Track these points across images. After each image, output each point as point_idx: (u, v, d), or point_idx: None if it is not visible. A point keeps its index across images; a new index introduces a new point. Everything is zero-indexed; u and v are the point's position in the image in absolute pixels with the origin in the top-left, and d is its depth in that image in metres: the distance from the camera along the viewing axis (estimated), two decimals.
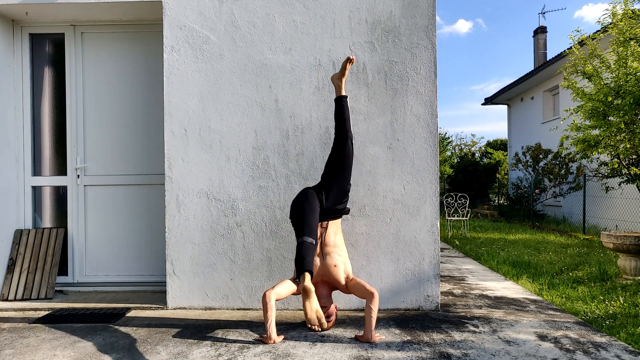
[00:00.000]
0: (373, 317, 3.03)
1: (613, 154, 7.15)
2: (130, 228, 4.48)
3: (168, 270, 3.88)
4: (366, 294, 3.09)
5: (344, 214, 3.39)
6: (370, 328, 3.03)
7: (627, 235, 5.19)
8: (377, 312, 3.07)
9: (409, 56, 3.86)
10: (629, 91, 6.28)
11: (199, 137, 3.88)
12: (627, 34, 6.43)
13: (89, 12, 4.20)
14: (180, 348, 2.93)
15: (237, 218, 3.87)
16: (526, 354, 2.83)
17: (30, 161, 4.48)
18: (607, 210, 10.73)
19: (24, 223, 4.47)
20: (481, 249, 7.77)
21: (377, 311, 3.06)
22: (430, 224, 3.84)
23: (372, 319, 3.03)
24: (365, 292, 3.10)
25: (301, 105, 3.87)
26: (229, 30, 3.89)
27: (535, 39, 18.93)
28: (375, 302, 3.04)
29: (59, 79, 4.54)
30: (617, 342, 3.06)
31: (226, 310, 3.84)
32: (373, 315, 3.03)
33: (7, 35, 4.37)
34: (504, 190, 18.28)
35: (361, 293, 3.13)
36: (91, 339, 3.11)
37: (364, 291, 3.11)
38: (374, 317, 3.04)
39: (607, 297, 4.50)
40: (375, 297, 3.05)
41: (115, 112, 4.49)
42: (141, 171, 4.48)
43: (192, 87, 3.89)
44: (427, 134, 3.85)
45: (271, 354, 2.82)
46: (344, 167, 3.30)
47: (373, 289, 3.09)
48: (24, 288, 4.21)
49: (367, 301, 3.07)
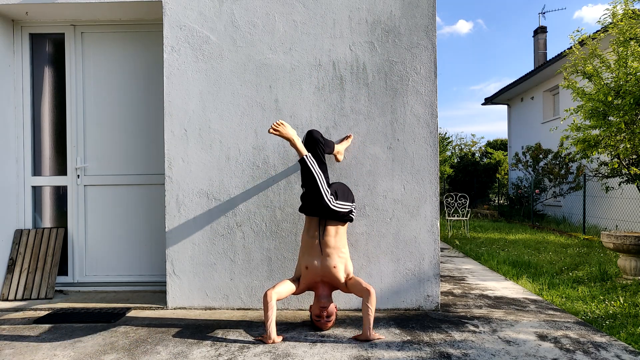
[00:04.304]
0: (370, 314, 3.03)
1: (613, 154, 7.14)
2: (130, 228, 4.48)
3: (168, 270, 3.88)
4: (362, 292, 3.09)
5: (347, 220, 3.30)
6: (369, 326, 3.03)
7: (627, 235, 5.19)
8: (374, 309, 3.06)
9: (409, 56, 3.86)
10: (629, 91, 6.28)
11: (199, 137, 3.88)
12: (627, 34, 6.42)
13: (89, 12, 4.20)
14: (180, 348, 2.93)
15: (237, 218, 3.87)
16: (526, 354, 2.83)
17: (30, 161, 4.49)
18: (607, 210, 10.73)
19: (24, 223, 4.47)
20: (481, 249, 7.77)
21: (374, 309, 3.06)
22: (430, 224, 3.84)
23: (369, 317, 3.02)
24: (362, 289, 3.09)
25: (301, 105, 3.87)
26: (229, 30, 3.89)
27: (535, 39, 18.93)
28: (372, 299, 3.04)
29: (59, 79, 4.54)
30: (617, 342, 3.06)
31: (226, 310, 3.84)
32: (370, 313, 3.03)
33: (7, 35, 4.37)
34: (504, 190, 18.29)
35: (358, 291, 3.13)
36: (91, 339, 3.11)
37: (360, 289, 3.11)
38: (372, 315, 3.04)
39: (607, 297, 4.50)
40: (372, 295, 3.05)
41: (115, 112, 4.49)
42: (141, 171, 4.48)
43: (192, 87, 3.89)
44: (427, 134, 3.85)
45: (271, 354, 2.82)
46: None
47: (369, 286, 3.09)
48: (24, 288, 4.21)
49: (363, 299, 3.07)
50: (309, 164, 3.11)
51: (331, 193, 3.16)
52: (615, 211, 10.23)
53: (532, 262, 6.49)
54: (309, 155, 3.16)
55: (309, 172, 3.10)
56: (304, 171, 3.14)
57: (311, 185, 3.11)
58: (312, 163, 3.13)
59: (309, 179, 3.11)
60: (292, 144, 3.19)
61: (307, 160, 3.12)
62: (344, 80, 3.86)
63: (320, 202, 3.10)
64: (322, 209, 3.12)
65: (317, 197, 3.10)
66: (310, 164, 3.11)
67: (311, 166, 3.11)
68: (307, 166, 3.11)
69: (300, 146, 3.17)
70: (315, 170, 3.11)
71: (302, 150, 3.16)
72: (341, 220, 3.24)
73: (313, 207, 3.16)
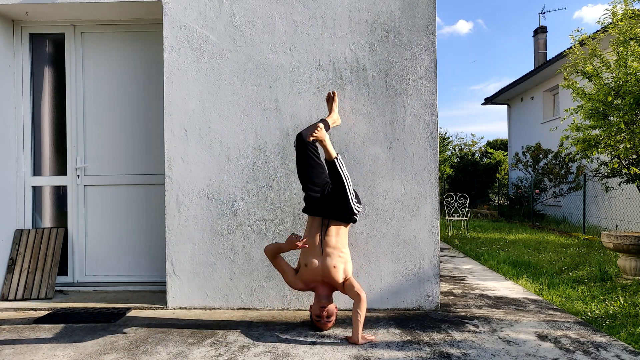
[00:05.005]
0: (359, 320, 3.02)
1: (613, 154, 7.14)
2: (130, 228, 4.48)
3: (168, 270, 3.88)
4: (354, 296, 3.10)
5: (351, 221, 3.29)
6: (357, 330, 3.02)
7: (627, 235, 5.19)
8: (364, 314, 3.06)
9: (409, 56, 3.86)
10: (629, 91, 6.28)
11: (199, 137, 3.88)
12: (627, 34, 6.42)
13: (89, 12, 4.20)
14: (180, 348, 2.93)
15: (237, 218, 3.87)
16: (526, 353, 2.83)
17: (30, 161, 4.48)
18: (607, 210, 10.73)
19: (24, 223, 4.47)
20: (481, 249, 7.77)
21: (364, 314, 3.06)
22: (430, 224, 3.84)
23: (358, 321, 3.02)
24: (353, 294, 3.10)
25: (301, 105, 3.87)
26: (229, 30, 3.89)
27: (535, 39, 18.93)
28: (362, 305, 3.04)
29: (59, 79, 4.54)
30: (617, 342, 3.06)
31: (226, 310, 3.84)
32: (359, 318, 3.02)
33: (7, 35, 4.37)
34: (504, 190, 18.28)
35: (351, 294, 3.14)
36: (91, 339, 3.11)
37: (352, 293, 3.12)
38: (361, 321, 3.03)
39: (607, 297, 4.50)
40: (362, 300, 3.05)
41: (115, 112, 4.49)
42: (141, 171, 4.48)
43: (192, 87, 3.89)
44: (427, 134, 3.85)
45: (271, 353, 2.82)
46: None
47: (360, 291, 3.09)
48: (24, 288, 4.21)
49: (354, 303, 3.08)
50: (338, 167, 3.12)
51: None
52: (615, 211, 10.23)
53: (532, 262, 6.49)
54: (339, 157, 3.16)
55: (337, 174, 3.12)
56: (331, 173, 3.15)
57: (338, 188, 3.13)
58: (342, 166, 3.14)
59: (337, 182, 3.13)
60: (323, 144, 3.17)
61: (336, 162, 3.12)
62: (344, 80, 3.86)
63: (346, 205, 3.14)
64: (345, 211, 3.16)
65: (344, 200, 3.13)
66: (340, 167, 3.12)
67: (340, 169, 3.12)
68: (336, 169, 3.11)
69: (330, 148, 3.15)
70: (344, 173, 3.13)
71: (332, 152, 3.14)
72: (345, 222, 3.25)
73: (334, 209, 3.17)
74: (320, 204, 3.21)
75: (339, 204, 3.15)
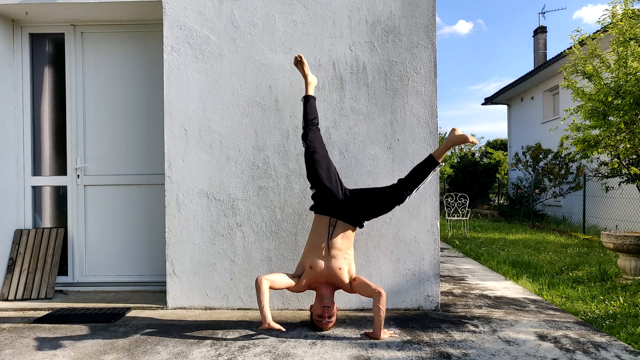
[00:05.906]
0: (382, 315, 3.08)
1: (613, 154, 7.14)
2: (130, 228, 4.48)
3: (168, 270, 3.88)
4: (373, 294, 3.12)
5: (358, 226, 3.31)
6: (380, 326, 3.08)
7: (627, 235, 5.19)
8: (385, 310, 3.11)
9: (409, 56, 3.86)
10: (629, 91, 6.28)
11: (199, 137, 3.88)
12: (627, 34, 6.42)
13: (89, 12, 4.20)
14: (180, 348, 2.93)
15: (237, 218, 3.87)
16: (526, 353, 2.83)
17: (30, 161, 4.48)
18: (607, 210, 10.73)
19: (24, 223, 4.47)
20: (481, 249, 7.77)
21: (385, 309, 3.11)
22: (430, 224, 3.84)
23: (381, 318, 3.07)
24: (372, 292, 3.13)
25: (301, 105, 3.86)
26: (229, 30, 3.89)
27: (535, 39, 18.93)
28: (383, 300, 3.08)
29: (59, 79, 4.54)
30: (617, 342, 3.06)
31: (226, 310, 3.84)
32: (382, 314, 3.08)
33: (7, 35, 4.36)
34: (504, 190, 18.28)
35: (368, 293, 3.16)
36: (91, 339, 3.11)
37: (370, 291, 3.14)
38: (383, 316, 3.09)
39: (607, 297, 4.50)
40: (383, 296, 3.09)
41: (115, 112, 4.49)
42: (141, 171, 4.48)
43: (192, 87, 3.89)
44: (427, 134, 3.85)
45: (271, 354, 2.82)
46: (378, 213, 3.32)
47: (380, 288, 3.12)
48: (24, 288, 4.21)
49: (374, 300, 3.10)
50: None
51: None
52: (615, 211, 10.23)
53: (532, 262, 6.49)
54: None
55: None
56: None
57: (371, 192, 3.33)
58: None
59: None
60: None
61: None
62: (344, 80, 3.86)
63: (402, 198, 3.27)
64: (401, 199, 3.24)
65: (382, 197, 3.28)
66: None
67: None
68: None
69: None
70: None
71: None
72: (353, 225, 3.26)
73: (355, 212, 3.22)
74: (339, 206, 3.22)
75: (371, 206, 3.24)
